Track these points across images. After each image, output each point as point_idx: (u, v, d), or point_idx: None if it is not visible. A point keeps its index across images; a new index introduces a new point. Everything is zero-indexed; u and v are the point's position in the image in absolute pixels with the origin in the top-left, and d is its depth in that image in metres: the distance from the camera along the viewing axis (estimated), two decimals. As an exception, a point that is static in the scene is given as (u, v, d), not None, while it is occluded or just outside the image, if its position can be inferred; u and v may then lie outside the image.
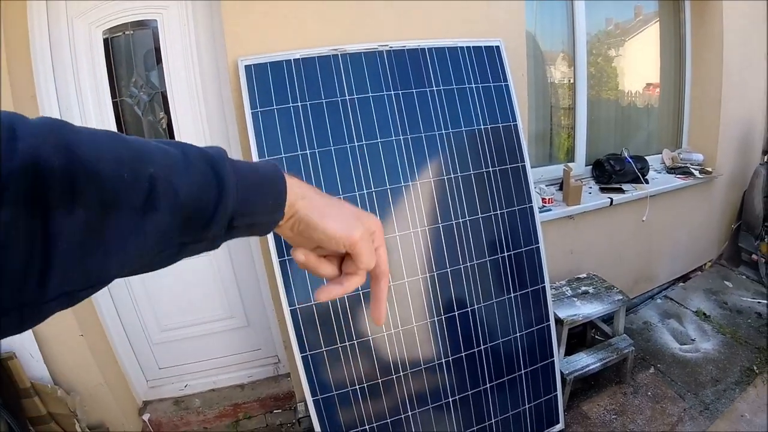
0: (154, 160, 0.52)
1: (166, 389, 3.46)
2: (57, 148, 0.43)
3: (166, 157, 0.54)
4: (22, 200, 0.41)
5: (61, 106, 2.80)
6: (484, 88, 2.79)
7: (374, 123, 2.59)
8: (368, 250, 0.71)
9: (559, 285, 3.58)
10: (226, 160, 0.60)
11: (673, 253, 4.58)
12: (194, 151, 0.58)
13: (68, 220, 0.43)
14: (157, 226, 0.52)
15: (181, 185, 0.53)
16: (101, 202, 0.46)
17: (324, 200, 0.69)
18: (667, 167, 4.52)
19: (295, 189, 0.66)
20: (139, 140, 0.53)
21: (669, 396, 3.34)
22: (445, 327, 2.68)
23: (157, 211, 0.51)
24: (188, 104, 2.96)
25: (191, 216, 0.55)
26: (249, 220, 0.62)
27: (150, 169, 0.50)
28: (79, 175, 0.44)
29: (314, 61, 2.56)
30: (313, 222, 0.67)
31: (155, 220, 0.51)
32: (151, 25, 2.87)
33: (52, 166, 0.42)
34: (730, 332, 3.95)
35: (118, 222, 0.48)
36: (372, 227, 0.72)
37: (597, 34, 4.35)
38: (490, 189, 2.76)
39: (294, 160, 2.46)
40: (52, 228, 0.43)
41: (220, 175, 0.57)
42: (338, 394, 2.53)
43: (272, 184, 0.64)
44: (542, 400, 2.92)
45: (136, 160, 0.50)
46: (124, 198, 0.48)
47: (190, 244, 0.58)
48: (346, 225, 0.68)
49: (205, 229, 0.58)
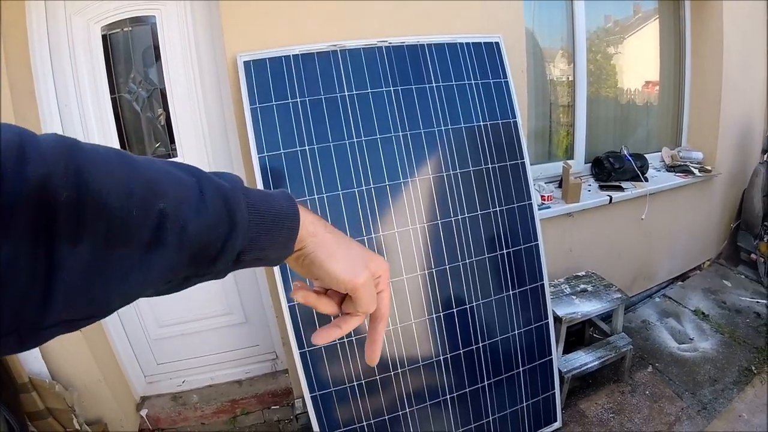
0: (166, 192, 0.51)
1: (164, 385, 3.45)
2: (67, 176, 0.42)
3: (179, 188, 0.53)
4: (27, 230, 0.40)
5: (60, 102, 2.79)
6: (484, 84, 2.79)
7: (373, 119, 2.58)
8: (370, 296, 0.71)
9: (558, 283, 3.58)
10: (240, 195, 0.59)
11: (672, 251, 4.58)
12: (210, 185, 0.57)
13: (72, 253, 0.43)
14: (162, 262, 0.51)
15: (192, 222, 0.52)
16: (107, 237, 0.45)
17: (334, 239, 0.69)
18: (666, 165, 4.52)
19: (308, 226, 0.66)
20: (152, 166, 0.52)
21: (667, 395, 3.34)
22: (443, 324, 2.68)
23: (164, 247, 0.50)
24: (187, 101, 2.95)
25: (198, 252, 0.54)
26: (258, 254, 0.62)
27: (160, 204, 0.49)
28: (88, 207, 0.43)
29: (313, 57, 2.56)
30: (318, 260, 0.67)
31: (161, 255, 0.50)
32: (149, 22, 2.86)
33: (60, 196, 0.41)
34: (729, 332, 3.95)
35: (123, 256, 0.47)
36: (378, 271, 0.72)
37: (596, 31, 4.34)
38: (490, 186, 2.76)
39: (293, 157, 2.46)
40: (55, 260, 0.42)
41: (232, 212, 0.57)
42: (336, 391, 2.52)
43: (286, 220, 0.64)
44: (540, 398, 2.92)
45: (147, 193, 0.49)
46: (131, 233, 0.47)
47: (194, 277, 0.58)
48: (352, 268, 0.68)
49: (211, 264, 0.57)
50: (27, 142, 0.42)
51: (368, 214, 2.54)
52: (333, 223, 0.77)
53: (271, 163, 2.44)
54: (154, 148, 3.08)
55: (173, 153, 3.02)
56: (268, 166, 2.43)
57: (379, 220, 2.56)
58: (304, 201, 2.45)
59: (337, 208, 2.49)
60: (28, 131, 0.43)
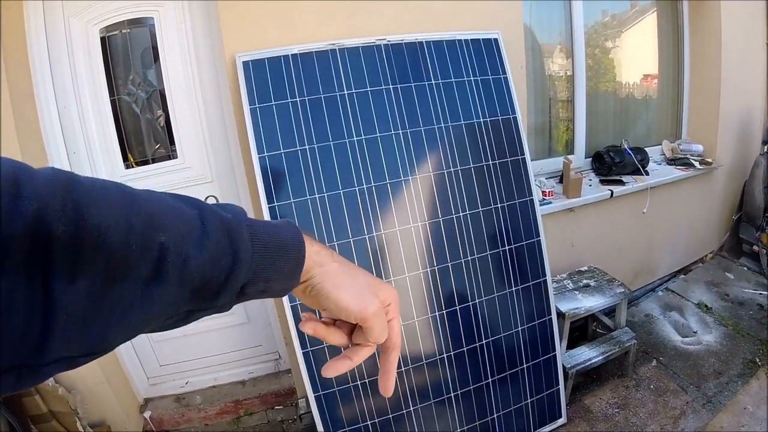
0: (168, 226, 0.50)
1: (167, 386, 3.45)
2: (65, 211, 0.42)
3: (181, 221, 0.52)
4: (23, 267, 0.39)
5: (59, 104, 2.79)
6: (483, 81, 2.78)
7: (373, 117, 2.58)
8: (381, 325, 0.69)
9: (561, 278, 3.57)
10: (244, 226, 0.58)
11: (673, 245, 4.57)
12: (212, 217, 0.55)
13: (70, 290, 0.42)
14: (163, 296, 0.50)
15: (194, 256, 0.51)
16: (106, 272, 0.44)
17: (341, 269, 0.68)
18: (667, 158, 4.51)
19: (313, 257, 0.65)
20: (153, 199, 0.51)
21: (671, 389, 3.33)
22: (446, 321, 2.67)
23: (165, 282, 0.49)
24: (186, 101, 2.94)
25: (200, 286, 0.53)
26: (262, 287, 0.61)
27: (161, 238, 0.49)
28: (85, 242, 0.42)
29: (312, 56, 2.55)
30: (326, 291, 0.66)
31: (162, 290, 0.49)
32: (147, 23, 2.86)
33: (56, 233, 0.41)
34: (732, 324, 3.94)
35: (123, 292, 0.46)
36: (388, 299, 0.71)
37: (594, 25, 4.33)
38: (490, 182, 2.75)
39: (293, 156, 2.46)
40: (52, 297, 0.41)
41: (235, 244, 0.56)
42: (339, 390, 2.52)
43: (291, 251, 0.62)
44: (544, 395, 2.92)
45: (147, 227, 0.48)
46: (131, 268, 0.46)
47: (197, 312, 0.57)
48: (360, 299, 0.67)
49: (214, 298, 0.56)
50: (22, 176, 0.41)
51: (369, 212, 2.53)
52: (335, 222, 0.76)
53: (271, 162, 2.44)
54: (153, 149, 3.08)
55: (173, 154, 3.02)
56: (268, 165, 2.43)
57: (381, 218, 2.56)
58: (305, 200, 2.45)
59: (338, 207, 2.49)
60: (25, 165, 0.43)
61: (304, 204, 2.44)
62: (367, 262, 2.52)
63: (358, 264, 2.00)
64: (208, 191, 3.07)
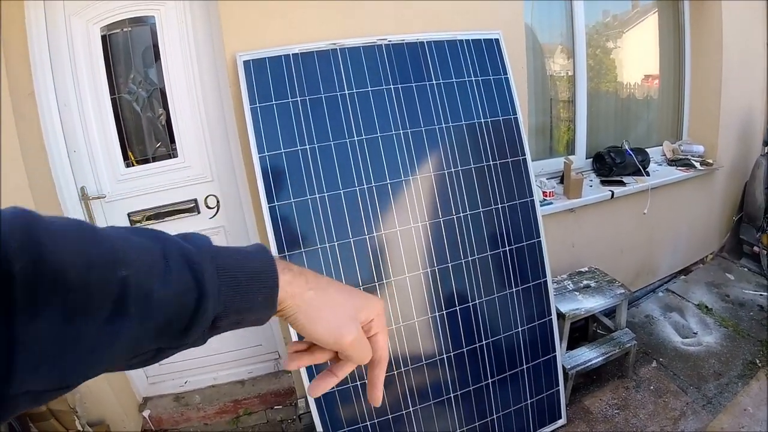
0: (129, 261, 0.49)
1: (167, 385, 3.45)
2: (23, 249, 0.42)
3: (142, 256, 0.51)
4: None
5: (60, 102, 2.79)
6: (484, 81, 2.78)
7: (374, 117, 2.58)
8: (360, 352, 0.69)
9: (561, 279, 3.57)
10: (208, 257, 0.57)
11: (674, 245, 4.57)
12: (175, 250, 0.55)
13: (30, 327, 0.42)
14: (126, 332, 0.49)
15: (156, 291, 0.50)
16: (65, 310, 0.44)
17: (316, 298, 0.66)
18: (667, 159, 4.51)
19: (285, 287, 0.63)
20: (114, 235, 0.51)
21: (671, 390, 3.33)
22: (446, 322, 2.67)
23: (127, 317, 0.48)
24: (187, 100, 2.94)
25: (166, 323, 0.52)
26: (236, 318, 0.60)
27: (122, 272, 0.48)
28: (44, 280, 0.42)
29: (313, 56, 2.55)
30: (299, 324, 0.65)
31: (124, 326, 0.48)
32: (148, 22, 2.86)
33: (14, 270, 0.41)
34: (732, 325, 3.95)
35: (84, 329, 0.46)
36: (371, 315, 0.70)
37: (595, 26, 4.33)
38: (491, 183, 2.75)
39: (293, 156, 2.46)
40: (13, 333, 0.41)
41: (200, 277, 0.54)
42: (339, 390, 2.52)
43: (262, 279, 0.61)
44: (544, 395, 2.91)
45: (108, 263, 0.47)
46: (91, 305, 0.46)
47: (168, 349, 0.56)
48: (335, 331, 0.66)
49: (183, 335, 0.55)
50: None
51: (370, 212, 2.53)
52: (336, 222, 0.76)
53: (271, 162, 2.44)
54: (154, 147, 3.08)
55: (174, 153, 3.02)
56: (268, 165, 2.43)
57: (381, 218, 2.55)
58: (305, 200, 2.45)
59: (339, 207, 2.49)
60: None
61: (305, 204, 2.44)
62: (367, 262, 2.52)
63: (358, 265, 1.99)
64: (208, 190, 3.07)
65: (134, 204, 3.01)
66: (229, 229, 3.18)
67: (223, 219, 3.16)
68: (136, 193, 3.00)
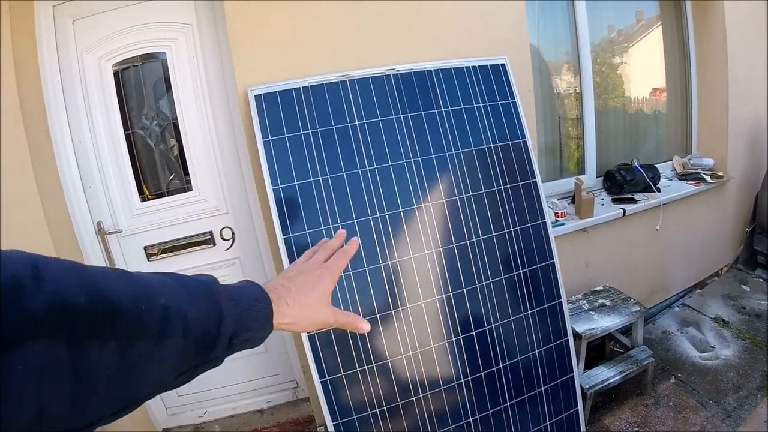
0: (162, 292, 0.60)
1: (186, 416, 3.46)
2: (81, 286, 0.49)
3: (169, 288, 0.62)
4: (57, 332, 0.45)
5: (74, 139, 2.84)
6: (492, 106, 2.80)
7: (384, 147, 2.60)
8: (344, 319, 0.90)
9: (576, 299, 3.57)
10: (220, 289, 0.70)
11: (688, 260, 4.56)
12: (192, 282, 0.67)
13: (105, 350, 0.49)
14: (174, 349, 0.59)
15: (189, 313, 0.61)
16: (127, 333, 0.52)
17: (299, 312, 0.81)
18: (678, 174, 4.52)
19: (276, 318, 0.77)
20: (143, 275, 0.61)
21: (691, 405, 3.31)
22: (463, 347, 2.67)
23: (173, 335, 0.58)
24: (200, 134, 2.99)
25: (200, 338, 0.63)
26: (245, 336, 0.71)
27: (161, 300, 0.58)
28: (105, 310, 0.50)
29: (323, 88, 2.58)
30: (297, 331, 0.84)
31: (173, 342, 0.58)
32: (160, 57, 2.91)
33: (78, 302, 0.48)
34: (750, 337, 3.92)
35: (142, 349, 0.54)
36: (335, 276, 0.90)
37: (600, 42, 4.35)
38: (503, 207, 2.77)
39: (307, 187, 2.48)
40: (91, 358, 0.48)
41: (217, 301, 0.67)
42: (358, 418, 2.52)
43: (260, 302, 0.75)
44: (563, 416, 2.90)
45: (147, 294, 0.57)
46: (145, 327, 0.55)
47: (200, 366, 0.66)
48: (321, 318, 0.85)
49: (210, 350, 0.65)
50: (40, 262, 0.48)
51: (383, 241, 2.55)
52: None
53: (285, 194, 2.46)
54: (168, 181, 3.11)
55: (188, 186, 3.06)
56: (282, 197, 2.45)
57: (395, 246, 2.57)
58: (319, 230, 2.47)
59: (353, 237, 2.50)
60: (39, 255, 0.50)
61: (319, 234, 2.46)
62: (382, 290, 2.53)
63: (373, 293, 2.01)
64: (224, 223, 3.10)
65: (150, 238, 3.05)
66: (245, 260, 3.21)
67: (239, 251, 3.18)
68: (152, 227, 3.04)
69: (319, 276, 0.87)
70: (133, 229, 3.02)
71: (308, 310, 0.82)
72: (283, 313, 0.78)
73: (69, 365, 0.46)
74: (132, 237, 3.03)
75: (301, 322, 0.81)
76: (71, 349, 0.46)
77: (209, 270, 3.14)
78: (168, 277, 0.65)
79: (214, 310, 0.65)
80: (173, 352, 0.59)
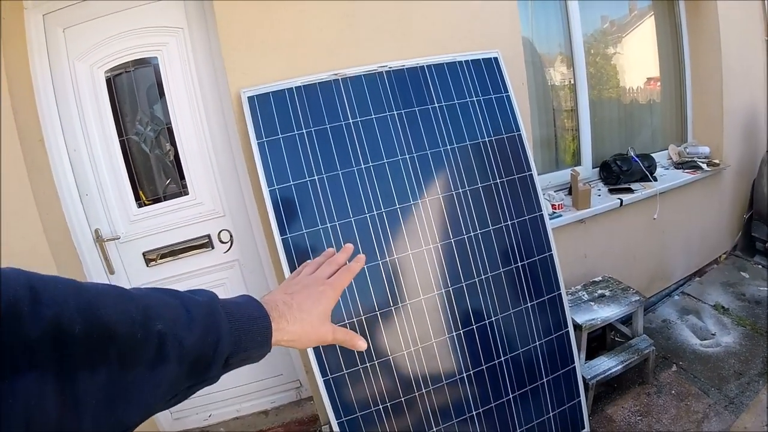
0: (161, 316, 0.60)
1: (191, 420, 3.46)
2: (79, 311, 0.49)
3: (170, 310, 0.62)
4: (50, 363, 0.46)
5: (69, 147, 2.83)
6: (486, 100, 2.81)
7: (379, 144, 2.60)
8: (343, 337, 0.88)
9: (575, 290, 3.57)
10: (219, 306, 0.69)
11: (686, 248, 4.56)
12: (192, 304, 0.66)
13: (94, 380, 0.49)
14: (168, 375, 0.59)
15: (186, 338, 0.61)
16: (120, 360, 0.52)
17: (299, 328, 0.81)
18: (674, 163, 4.52)
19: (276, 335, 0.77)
20: (143, 295, 0.61)
21: (693, 393, 3.32)
22: (464, 341, 2.68)
23: (168, 362, 0.58)
24: (194, 137, 2.98)
25: (195, 362, 0.63)
26: (243, 355, 0.71)
27: (158, 326, 0.58)
28: (100, 337, 0.50)
29: (315, 88, 2.58)
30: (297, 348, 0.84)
31: (166, 370, 0.58)
32: (152, 62, 2.91)
33: (74, 330, 0.48)
34: (750, 324, 3.93)
35: (135, 376, 0.54)
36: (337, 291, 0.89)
37: (593, 33, 4.35)
38: (499, 200, 2.77)
39: (303, 187, 2.48)
40: (78, 386, 0.48)
41: (216, 322, 0.67)
42: (362, 415, 2.53)
43: (259, 322, 0.74)
44: (566, 407, 2.91)
45: (145, 319, 0.57)
46: (139, 354, 0.55)
47: (194, 386, 0.66)
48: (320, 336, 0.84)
49: (206, 371, 0.65)
50: (38, 284, 0.48)
51: (381, 238, 2.55)
52: None
53: (282, 194, 2.46)
54: (164, 185, 3.11)
55: (184, 190, 3.06)
56: (279, 198, 2.46)
57: (393, 243, 2.57)
58: (317, 230, 2.47)
59: (350, 235, 2.50)
60: (37, 274, 0.50)
61: (317, 234, 2.47)
62: (381, 287, 2.54)
63: (373, 291, 2.02)
64: (221, 225, 3.10)
65: (148, 243, 3.05)
66: (244, 262, 3.21)
67: (237, 253, 3.18)
68: (150, 232, 3.04)
69: (321, 293, 0.87)
70: (131, 235, 3.02)
71: (309, 327, 0.82)
72: (284, 330, 0.78)
73: (57, 395, 0.46)
74: (130, 243, 3.03)
75: (300, 339, 0.81)
76: (61, 379, 0.46)
77: (208, 273, 3.16)
78: (168, 296, 0.65)
79: (212, 333, 0.65)
80: (167, 377, 0.59)
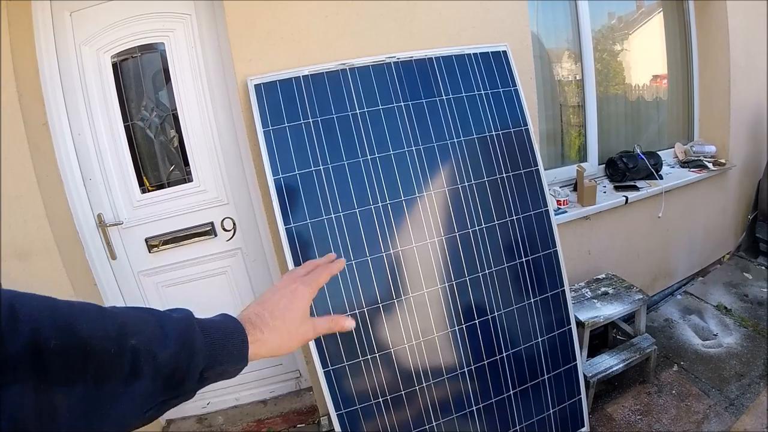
0: (136, 331, 0.61)
1: (189, 407, 3.47)
2: (56, 328, 0.51)
3: (146, 326, 0.63)
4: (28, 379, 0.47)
5: (74, 132, 2.82)
6: (494, 94, 2.79)
7: (386, 135, 2.59)
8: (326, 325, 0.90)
9: (579, 287, 3.56)
10: (194, 325, 0.70)
11: (690, 247, 4.55)
12: (168, 320, 0.67)
13: (70, 394, 0.50)
14: (142, 390, 0.60)
15: (160, 353, 0.62)
16: (96, 376, 0.53)
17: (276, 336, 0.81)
18: (680, 161, 4.50)
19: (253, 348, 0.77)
20: (120, 312, 0.62)
21: (693, 393, 3.31)
22: (466, 335, 2.67)
23: (142, 377, 0.59)
24: (199, 124, 2.97)
25: (169, 377, 0.63)
26: (218, 370, 0.72)
27: (132, 341, 0.59)
28: (76, 352, 0.52)
29: (323, 77, 2.56)
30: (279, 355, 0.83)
31: (140, 385, 0.59)
32: (158, 48, 2.89)
33: (49, 345, 0.49)
34: (752, 325, 3.92)
35: (110, 391, 0.55)
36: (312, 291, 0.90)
37: (601, 29, 4.33)
38: (505, 195, 2.75)
39: (308, 177, 2.47)
40: (57, 402, 0.49)
41: (190, 338, 0.67)
42: (362, 408, 2.52)
43: (235, 338, 0.75)
44: (566, 404, 2.90)
45: (120, 335, 0.58)
46: (114, 370, 0.56)
47: (170, 400, 0.66)
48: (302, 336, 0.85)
49: (181, 385, 0.66)
50: (17, 302, 0.49)
51: (385, 230, 2.54)
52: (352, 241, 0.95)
53: (286, 183, 2.45)
54: (168, 172, 3.09)
55: (188, 177, 3.05)
56: (283, 186, 2.44)
57: (397, 235, 2.56)
58: (321, 220, 2.46)
59: (354, 226, 2.49)
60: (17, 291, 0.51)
61: (321, 224, 2.45)
62: (384, 279, 2.52)
63: (376, 283, 2.01)
64: (225, 213, 3.09)
65: (151, 229, 3.04)
66: (246, 251, 3.20)
67: (240, 241, 3.17)
68: (153, 218, 3.03)
69: (293, 291, 0.87)
70: (134, 221, 3.02)
71: (285, 333, 0.83)
72: (261, 341, 0.78)
73: (34, 410, 0.47)
74: (133, 229, 3.02)
75: (281, 347, 0.82)
76: (38, 393, 0.48)
77: (210, 261, 3.16)
78: (144, 313, 0.66)
79: (186, 347, 0.66)
80: (141, 391, 0.60)
